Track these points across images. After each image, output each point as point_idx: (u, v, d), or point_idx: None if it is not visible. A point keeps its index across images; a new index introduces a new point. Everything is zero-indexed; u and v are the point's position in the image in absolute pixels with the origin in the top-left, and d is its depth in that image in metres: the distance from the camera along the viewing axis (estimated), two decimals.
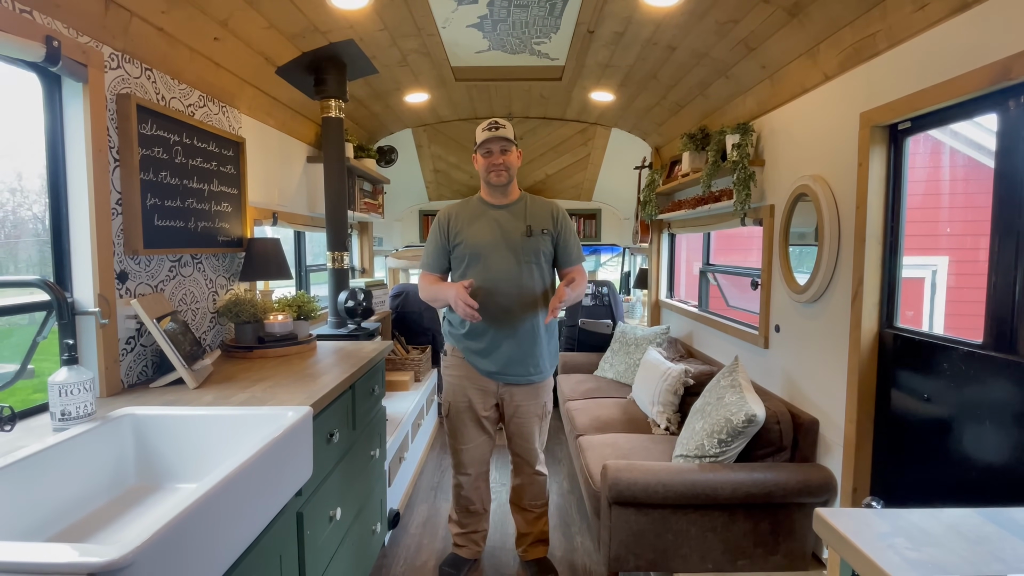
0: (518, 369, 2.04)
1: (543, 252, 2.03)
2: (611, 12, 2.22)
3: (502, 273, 1.99)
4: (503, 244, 2.01)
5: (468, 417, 2.12)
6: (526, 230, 2.02)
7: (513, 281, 1.99)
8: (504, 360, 2.03)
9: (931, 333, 1.64)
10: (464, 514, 2.29)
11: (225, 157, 2.14)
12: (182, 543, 0.87)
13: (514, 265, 2.00)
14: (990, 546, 0.82)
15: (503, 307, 1.99)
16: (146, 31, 1.71)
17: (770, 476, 1.99)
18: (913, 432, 1.69)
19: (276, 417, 1.36)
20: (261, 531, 1.20)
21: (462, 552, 2.31)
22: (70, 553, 0.74)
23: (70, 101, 1.51)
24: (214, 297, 2.17)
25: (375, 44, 2.50)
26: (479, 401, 2.10)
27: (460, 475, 2.22)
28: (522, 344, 2.02)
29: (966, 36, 1.42)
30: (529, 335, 2.03)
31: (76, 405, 1.29)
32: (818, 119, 2.10)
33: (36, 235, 1.80)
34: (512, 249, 2.00)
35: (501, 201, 2.07)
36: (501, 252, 2.00)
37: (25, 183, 1.69)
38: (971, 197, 4.07)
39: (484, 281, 1.99)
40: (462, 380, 2.10)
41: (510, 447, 2.22)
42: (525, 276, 2.00)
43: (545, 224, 2.05)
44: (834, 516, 0.89)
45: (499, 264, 2.00)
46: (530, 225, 2.03)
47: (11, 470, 1.07)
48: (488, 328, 2.01)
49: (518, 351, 2.02)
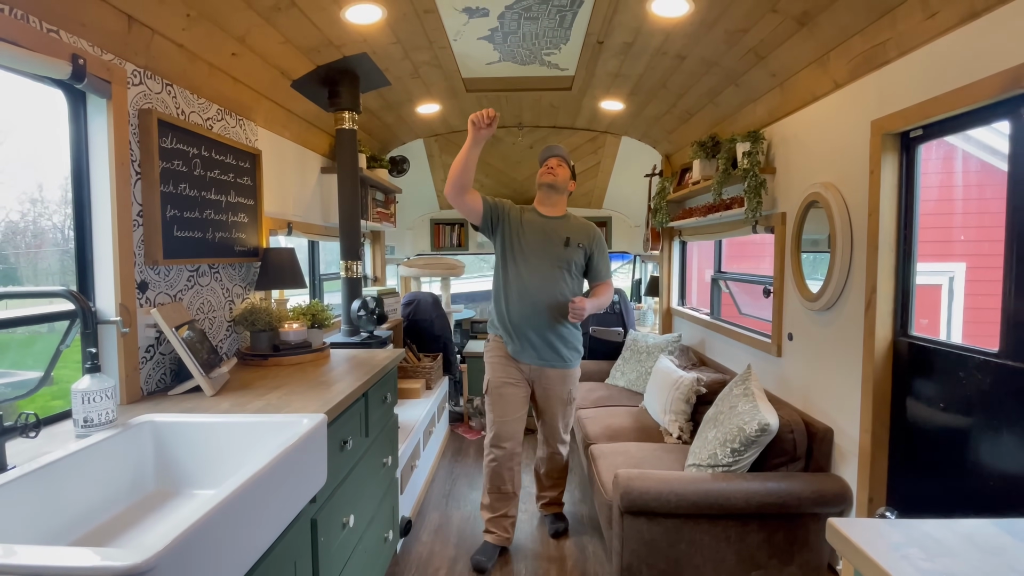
0: (546, 354, 2.35)
1: (575, 262, 2.35)
2: (620, 23, 2.24)
3: (537, 272, 2.31)
4: (543, 249, 2.32)
5: (508, 391, 2.37)
6: (565, 240, 2.34)
7: (545, 280, 2.31)
8: (533, 346, 2.34)
9: (946, 341, 1.63)
10: (496, 495, 2.44)
11: (242, 169, 2.19)
12: (201, 548, 0.89)
13: (548, 268, 2.31)
14: (1005, 556, 0.81)
15: (534, 301, 2.30)
16: (167, 48, 1.76)
17: (784, 486, 1.97)
18: (929, 442, 1.67)
19: (291, 424, 1.38)
20: (276, 537, 1.21)
21: (492, 539, 2.43)
22: (93, 558, 0.76)
23: (94, 116, 1.56)
24: (230, 306, 2.21)
25: (388, 57, 2.54)
26: (516, 378, 2.38)
27: (496, 448, 2.40)
28: (546, 335, 2.33)
29: (976, 44, 1.42)
30: (553, 328, 2.33)
31: (98, 412, 1.33)
32: (829, 127, 2.10)
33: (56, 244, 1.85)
34: (549, 255, 2.32)
35: (550, 212, 2.40)
36: (540, 255, 2.32)
37: (46, 193, 1.74)
38: (986, 203, 4.02)
39: (521, 276, 2.31)
40: (502, 359, 2.39)
41: (539, 425, 2.57)
42: (556, 279, 2.32)
43: (582, 239, 2.37)
44: (847, 526, 0.89)
45: (537, 264, 2.31)
46: (569, 237, 2.35)
47: (37, 475, 1.10)
48: (520, 319, 2.31)
49: (543, 340, 2.33)
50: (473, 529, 2.71)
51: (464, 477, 3.38)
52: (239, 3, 1.82)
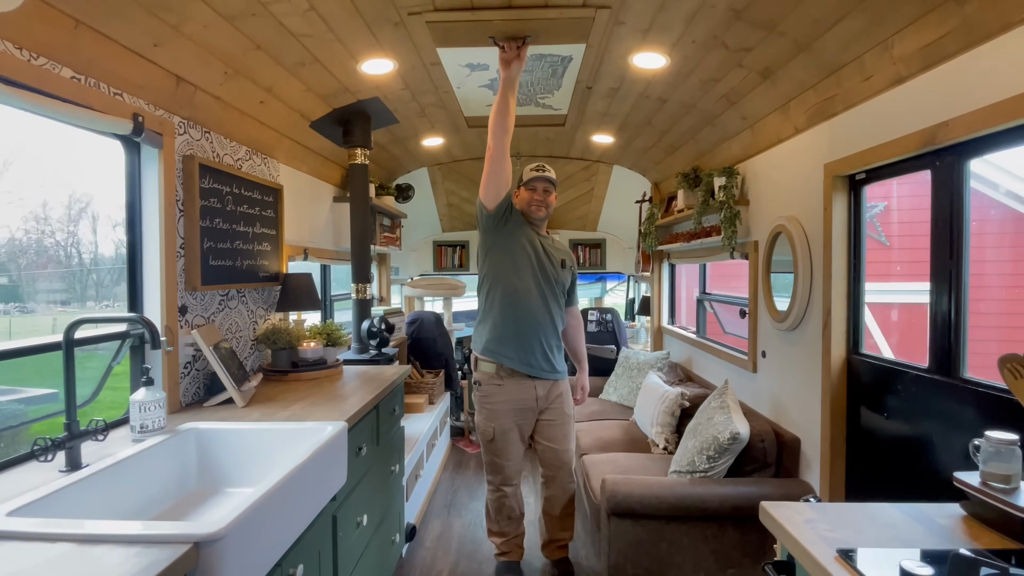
0: (544, 365, 2.34)
1: (564, 284, 2.43)
2: (606, 72, 2.50)
3: (545, 288, 2.32)
4: (548, 268, 2.34)
5: (512, 436, 2.36)
6: (561, 262, 2.40)
7: (547, 299, 2.33)
8: (540, 359, 2.32)
9: (887, 358, 1.85)
10: (506, 522, 2.48)
11: (266, 202, 2.43)
12: (255, 526, 1.10)
13: (550, 287, 2.34)
14: (895, 530, 1.02)
15: (539, 316, 2.31)
16: (207, 101, 2.02)
17: (755, 490, 2.17)
18: (878, 446, 1.88)
19: (317, 431, 1.60)
20: (306, 527, 1.42)
21: (510, 557, 2.51)
22: (184, 526, 0.98)
23: (147, 163, 1.81)
24: (254, 326, 2.43)
25: (397, 99, 2.81)
26: (520, 417, 2.35)
27: (506, 487, 2.42)
28: (549, 350, 2.35)
29: (901, 105, 1.67)
30: (550, 345, 2.36)
31: (151, 420, 1.55)
32: (791, 166, 2.35)
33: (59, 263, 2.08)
34: (551, 274, 2.34)
35: (541, 232, 2.43)
36: (545, 273, 2.33)
37: (50, 212, 1.96)
38: None
39: (530, 289, 2.29)
40: (503, 405, 2.33)
41: (542, 462, 2.47)
42: (556, 296, 2.37)
43: (571, 263, 2.47)
44: (774, 507, 1.10)
45: (543, 280, 2.32)
46: (564, 259, 2.42)
47: (108, 471, 1.32)
48: (529, 331, 2.29)
49: (545, 355, 2.33)
50: (473, 537, 2.90)
51: (465, 488, 3.57)
52: (269, 60, 2.07)
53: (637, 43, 2.14)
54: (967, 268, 1.51)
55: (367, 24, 1.97)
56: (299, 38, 1.97)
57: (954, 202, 1.53)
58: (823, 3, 1.62)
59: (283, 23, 1.85)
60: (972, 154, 1.48)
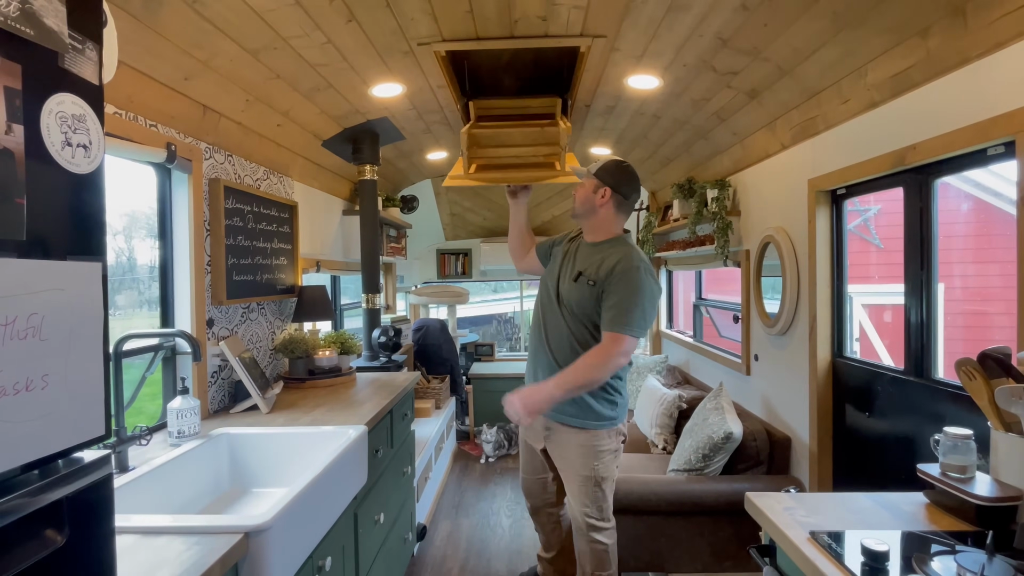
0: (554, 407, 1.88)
1: (578, 303, 1.87)
2: (602, 92, 2.64)
3: (547, 310, 1.97)
4: (553, 284, 1.97)
5: (524, 447, 2.18)
6: (576, 275, 1.89)
7: (551, 323, 1.95)
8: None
9: (868, 361, 1.99)
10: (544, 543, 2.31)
11: (283, 219, 2.57)
12: (294, 519, 1.23)
13: (551, 306, 1.95)
14: (863, 515, 1.16)
15: (540, 343, 1.98)
16: (230, 127, 2.15)
17: (748, 486, 2.30)
18: (862, 442, 2.01)
19: (340, 434, 1.73)
20: (333, 522, 1.55)
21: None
22: (232, 518, 1.11)
23: (177, 187, 1.95)
24: (272, 336, 2.57)
25: (404, 118, 2.95)
26: (530, 436, 2.09)
27: (529, 512, 2.29)
28: (535, 379, 1.94)
29: (875, 127, 1.80)
30: (541, 372, 1.93)
31: (187, 425, 1.68)
32: (778, 180, 2.49)
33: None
34: (548, 293, 1.98)
35: (590, 238, 1.98)
36: (547, 290, 1.99)
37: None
38: (959, 228, 4.38)
39: (535, 312, 2.05)
40: (521, 428, 2.15)
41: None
42: (562, 318, 1.90)
43: (595, 275, 1.85)
44: (757, 497, 1.24)
45: (545, 301, 1.99)
46: (582, 271, 1.89)
47: (153, 474, 1.45)
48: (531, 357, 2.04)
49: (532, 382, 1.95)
50: (481, 536, 3.02)
51: (471, 490, 3.69)
52: (286, 87, 2.21)
53: (632, 67, 2.29)
54: (936, 277, 1.65)
55: (379, 53, 2.11)
56: (315, 67, 2.11)
57: (924, 217, 1.67)
58: (802, 34, 1.76)
59: (301, 55, 1.99)
60: (938, 174, 1.62)
